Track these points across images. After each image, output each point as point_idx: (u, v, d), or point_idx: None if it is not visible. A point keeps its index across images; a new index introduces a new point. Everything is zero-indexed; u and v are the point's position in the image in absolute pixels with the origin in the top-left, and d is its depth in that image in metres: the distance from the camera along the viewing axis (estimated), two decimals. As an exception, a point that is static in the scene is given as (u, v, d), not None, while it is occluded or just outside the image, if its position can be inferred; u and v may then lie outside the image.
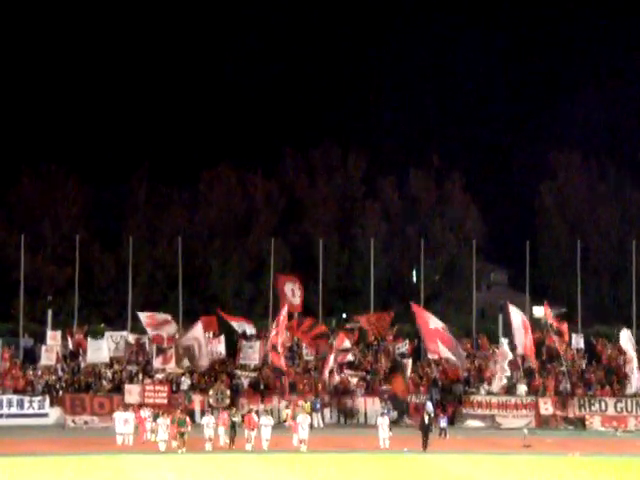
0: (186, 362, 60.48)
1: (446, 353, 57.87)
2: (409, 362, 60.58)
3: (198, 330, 59.54)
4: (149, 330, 62.32)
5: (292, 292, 64.77)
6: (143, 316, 63.02)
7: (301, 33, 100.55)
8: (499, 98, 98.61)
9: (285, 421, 51.79)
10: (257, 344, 62.51)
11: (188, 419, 45.96)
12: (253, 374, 61.23)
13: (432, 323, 58.21)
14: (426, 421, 46.51)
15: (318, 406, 56.90)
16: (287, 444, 45.51)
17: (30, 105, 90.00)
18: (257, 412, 49.82)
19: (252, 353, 62.18)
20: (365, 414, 58.75)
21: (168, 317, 63.25)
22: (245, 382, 60.49)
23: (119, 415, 48.98)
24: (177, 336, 61.67)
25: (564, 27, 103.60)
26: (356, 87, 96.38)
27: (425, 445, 45.46)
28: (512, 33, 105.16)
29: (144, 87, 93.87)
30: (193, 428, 46.48)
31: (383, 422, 47.02)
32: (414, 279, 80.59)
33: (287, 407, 54.95)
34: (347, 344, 61.18)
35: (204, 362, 59.78)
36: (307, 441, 45.09)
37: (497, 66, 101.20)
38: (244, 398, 58.59)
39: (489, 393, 59.05)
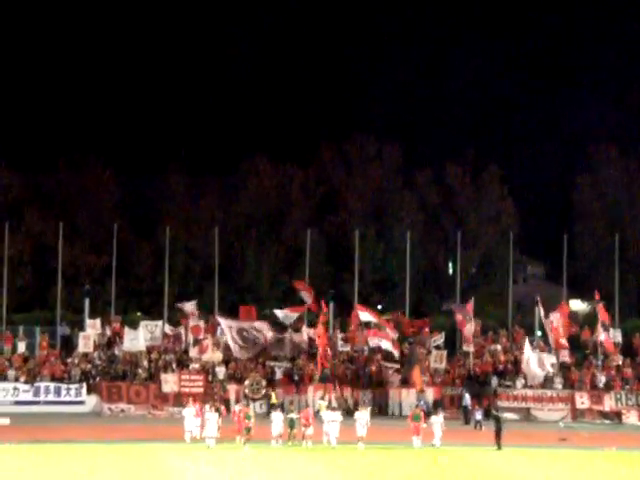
0: (222, 352, 60.83)
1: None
2: (427, 352, 60.47)
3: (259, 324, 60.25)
4: (190, 320, 62.61)
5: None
6: (189, 305, 63.45)
7: (337, 23, 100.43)
8: (537, 90, 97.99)
9: (319, 411, 51.60)
10: (287, 336, 62.60)
11: (252, 413, 44.46)
12: (287, 364, 61.38)
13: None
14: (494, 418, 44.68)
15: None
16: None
17: (68, 96, 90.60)
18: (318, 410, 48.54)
19: (282, 345, 62.25)
20: (400, 405, 58.75)
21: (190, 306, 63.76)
22: (279, 372, 60.66)
23: (189, 411, 45.91)
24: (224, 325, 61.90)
25: (600, 14, 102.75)
26: (394, 78, 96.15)
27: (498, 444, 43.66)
28: (548, 21, 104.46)
29: (183, 77, 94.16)
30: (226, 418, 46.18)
31: (437, 420, 44.66)
32: (450, 271, 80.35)
33: (322, 398, 54.94)
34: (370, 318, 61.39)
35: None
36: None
37: (534, 57, 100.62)
38: (279, 388, 58.76)
39: (525, 386, 58.89)
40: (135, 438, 45.75)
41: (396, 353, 60.66)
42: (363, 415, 43.90)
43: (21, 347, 62.62)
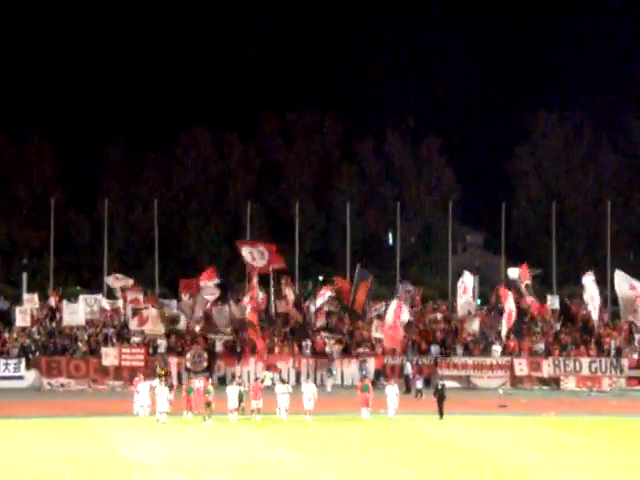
0: (162, 324, 60.57)
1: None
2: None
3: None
4: (129, 293, 62.14)
5: (251, 255, 63.75)
6: (111, 279, 62.97)
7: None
8: (475, 60, 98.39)
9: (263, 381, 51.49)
10: (226, 308, 62.42)
11: (212, 387, 43.73)
12: (229, 337, 61.26)
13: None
14: (438, 387, 44.47)
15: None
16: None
17: (6, 67, 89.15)
18: (262, 380, 48.30)
19: (222, 318, 62.03)
20: (342, 375, 58.97)
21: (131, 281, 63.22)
22: (220, 345, 60.53)
23: (144, 385, 44.46)
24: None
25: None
26: (333, 50, 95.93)
27: (441, 412, 43.51)
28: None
29: (120, 49, 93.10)
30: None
31: (392, 391, 44.28)
32: (390, 241, 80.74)
33: (267, 369, 54.93)
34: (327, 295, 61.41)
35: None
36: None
37: (473, 27, 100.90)
38: (220, 361, 58.72)
39: (464, 354, 59.50)
40: (75, 413, 45.46)
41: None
42: (310, 388, 43.90)
43: (-42, 323, 61.81)
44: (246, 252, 62.99)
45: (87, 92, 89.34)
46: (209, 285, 61.26)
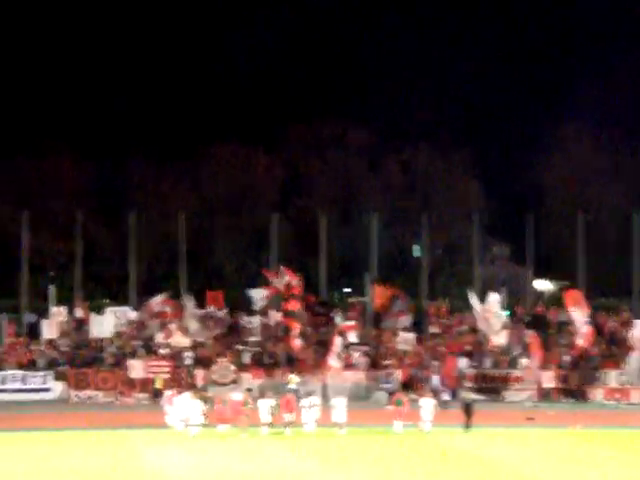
0: (189, 337, 60.78)
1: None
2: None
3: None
4: (155, 306, 62.49)
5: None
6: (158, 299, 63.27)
7: (303, 5, 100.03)
8: (502, 72, 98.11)
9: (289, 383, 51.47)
10: (257, 319, 62.60)
11: (250, 400, 43.49)
12: (256, 348, 61.35)
13: None
14: (467, 401, 44.13)
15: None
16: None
17: (31, 81, 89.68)
18: (288, 382, 48.17)
19: (252, 329, 62.25)
20: (367, 388, 58.89)
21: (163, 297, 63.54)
22: (247, 356, 60.62)
23: (179, 398, 44.22)
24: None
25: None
26: (359, 60, 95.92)
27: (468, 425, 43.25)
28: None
29: (146, 62, 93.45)
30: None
31: (427, 403, 43.60)
32: (416, 253, 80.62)
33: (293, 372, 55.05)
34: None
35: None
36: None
37: (500, 41, 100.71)
38: (248, 373, 58.76)
39: (492, 366, 59.30)
40: (103, 425, 45.62)
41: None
42: (341, 401, 43.76)
43: (-14, 335, 62.20)
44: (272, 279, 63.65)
45: (114, 105, 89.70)
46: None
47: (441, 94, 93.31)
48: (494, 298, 61.09)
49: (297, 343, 59.68)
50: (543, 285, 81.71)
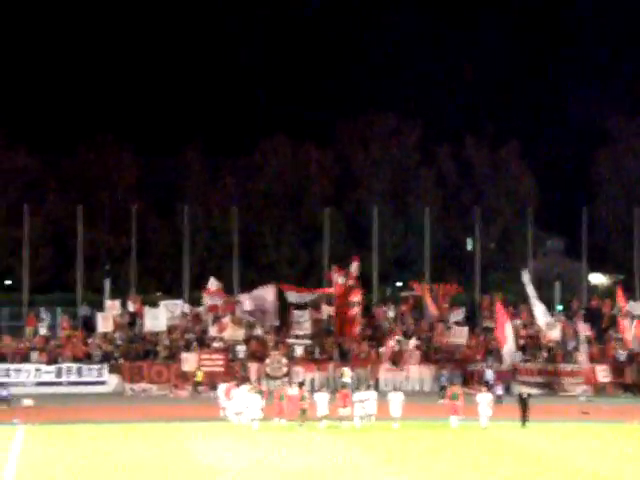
0: (242, 330, 61.06)
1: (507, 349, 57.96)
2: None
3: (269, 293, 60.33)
4: (207, 298, 62.89)
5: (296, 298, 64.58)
6: (213, 283, 63.59)
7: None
8: (556, 62, 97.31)
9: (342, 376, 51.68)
10: (307, 313, 62.77)
11: (308, 394, 43.59)
12: (308, 342, 61.50)
13: (508, 328, 57.90)
14: (523, 396, 43.64)
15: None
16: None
17: (87, 78, 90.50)
18: (341, 375, 48.01)
19: (304, 322, 62.43)
20: (421, 381, 58.87)
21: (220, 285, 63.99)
22: (300, 350, 60.78)
23: (238, 391, 43.97)
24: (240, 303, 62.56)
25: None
26: (409, 53, 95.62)
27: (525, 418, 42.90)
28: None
29: (201, 57, 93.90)
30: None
31: (483, 399, 43.02)
32: (469, 247, 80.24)
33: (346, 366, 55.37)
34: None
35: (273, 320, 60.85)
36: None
37: (556, 29, 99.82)
38: (300, 366, 58.92)
39: (546, 360, 58.91)
40: (157, 418, 45.88)
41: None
42: (398, 396, 43.63)
43: (43, 329, 62.92)
44: (293, 296, 63.70)
45: (167, 99, 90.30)
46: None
47: (494, 87, 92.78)
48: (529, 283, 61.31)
49: (357, 331, 60.05)
50: (597, 279, 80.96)
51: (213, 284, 63.62)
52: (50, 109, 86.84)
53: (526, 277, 61.84)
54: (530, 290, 61.07)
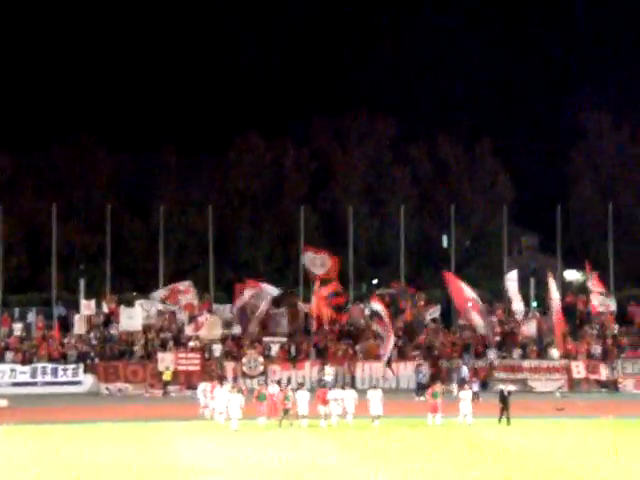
0: (219, 329, 60.97)
1: (478, 322, 58.00)
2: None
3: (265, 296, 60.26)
4: (183, 298, 62.75)
5: (312, 261, 64.20)
6: (158, 295, 63.46)
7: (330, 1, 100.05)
8: (529, 60, 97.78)
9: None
10: (283, 311, 62.75)
11: (291, 393, 43.11)
12: (284, 340, 61.43)
13: (466, 292, 58.12)
14: (504, 393, 43.47)
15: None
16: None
17: (60, 74, 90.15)
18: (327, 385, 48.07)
19: (280, 320, 62.38)
20: (397, 379, 58.92)
21: (185, 284, 63.64)
22: (275, 349, 60.71)
23: (220, 391, 43.91)
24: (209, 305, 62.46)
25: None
26: (384, 52, 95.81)
27: (505, 416, 42.69)
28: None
29: (172, 54, 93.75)
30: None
31: (466, 396, 43.62)
32: (444, 244, 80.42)
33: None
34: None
35: (253, 328, 60.60)
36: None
37: (527, 27, 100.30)
38: (276, 365, 58.87)
39: (521, 357, 59.18)
40: (133, 417, 45.78)
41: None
42: (377, 393, 43.68)
43: (17, 328, 62.58)
44: (309, 258, 63.44)
45: (141, 98, 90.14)
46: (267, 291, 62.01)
47: (466, 83, 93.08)
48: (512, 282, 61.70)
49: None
50: (572, 275, 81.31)
51: (183, 284, 63.59)
52: (24, 106, 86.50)
53: (513, 274, 62.54)
54: (513, 287, 61.64)
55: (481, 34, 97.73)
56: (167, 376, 57.41)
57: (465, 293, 58.00)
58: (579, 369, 58.29)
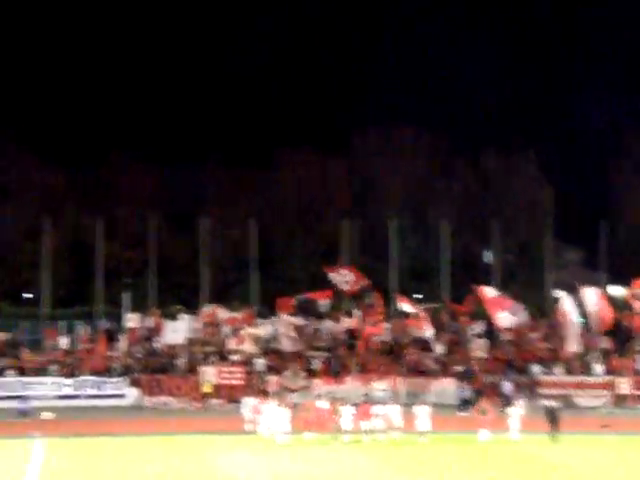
0: (261, 343, 61.12)
1: (508, 318, 58.03)
2: None
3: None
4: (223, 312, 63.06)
5: (336, 279, 64.38)
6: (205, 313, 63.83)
7: (364, 9, 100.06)
8: (573, 74, 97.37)
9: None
10: (326, 325, 62.81)
11: (339, 408, 42.63)
12: (326, 354, 61.45)
13: (489, 293, 58.22)
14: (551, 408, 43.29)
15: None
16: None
17: (106, 92, 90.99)
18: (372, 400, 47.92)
19: (321, 335, 62.46)
20: (441, 394, 58.71)
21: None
22: (318, 363, 60.71)
23: (269, 406, 44.12)
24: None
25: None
26: (430, 67, 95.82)
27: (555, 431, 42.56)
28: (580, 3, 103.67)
29: (218, 70, 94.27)
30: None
31: (515, 412, 43.52)
32: (486, 259, 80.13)
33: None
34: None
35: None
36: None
37: (567, 41, 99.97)
38: (318, 379, 58.87)
39: (565, 373, 58.77)
40: (177, 431, 45.98)
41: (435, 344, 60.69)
42: (424, 409, 43.51)
43: (63, 342, 63.12)
44: (333, 277, 63.69)
45: (187, 112, 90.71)
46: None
47: (511, 98, 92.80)
48: (568, 303, 60.80)
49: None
50: (617, 291, 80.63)
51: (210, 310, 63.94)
52: (70, 123, 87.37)
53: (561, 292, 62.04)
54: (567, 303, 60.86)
55: (530, 50, 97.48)
56: (207, 388, 57.54)
57: (488, 295, 58.04)
58: (624, 385, 57.77)
